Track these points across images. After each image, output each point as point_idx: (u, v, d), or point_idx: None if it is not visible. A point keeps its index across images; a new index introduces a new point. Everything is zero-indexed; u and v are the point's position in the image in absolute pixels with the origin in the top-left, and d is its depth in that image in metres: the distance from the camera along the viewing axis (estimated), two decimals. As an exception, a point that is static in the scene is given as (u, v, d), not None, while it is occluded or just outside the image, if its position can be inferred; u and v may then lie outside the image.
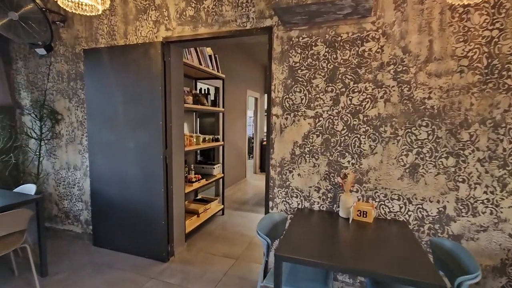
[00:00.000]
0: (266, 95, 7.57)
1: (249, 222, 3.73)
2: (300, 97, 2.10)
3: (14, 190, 2.55)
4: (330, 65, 2.00)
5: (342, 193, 2.01)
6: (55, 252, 2.79)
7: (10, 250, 2.02)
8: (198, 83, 3.96)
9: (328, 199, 2.10)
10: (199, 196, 4.08)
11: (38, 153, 3.08)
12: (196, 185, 3.23)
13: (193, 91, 3.34)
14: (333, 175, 2.07)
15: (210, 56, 3.50)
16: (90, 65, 2.70)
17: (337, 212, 2.05)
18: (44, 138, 3.08)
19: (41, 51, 2.77)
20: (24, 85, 3.17)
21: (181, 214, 2.85)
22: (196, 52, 3.19)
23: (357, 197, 2.03)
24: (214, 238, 3.20)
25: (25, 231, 2.17)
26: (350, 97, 1.98)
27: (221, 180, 3.94)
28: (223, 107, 3.89)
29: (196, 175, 3.35)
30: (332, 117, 2.03)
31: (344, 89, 1.99)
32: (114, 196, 2.74)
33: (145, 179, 2.59)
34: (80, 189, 3.04)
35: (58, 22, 2.84)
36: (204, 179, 3.44)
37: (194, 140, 3.33)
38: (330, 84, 2.02)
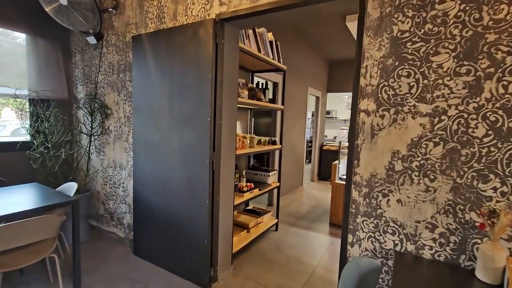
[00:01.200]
0: (328, 93, 6.77)
1: (308, 244, 3.06)
2: (409, 84, 1.38)
3: (56, 189, 2.38)
4: (467, 32, 1.24)
5: (482, 240, 1.23)
6: (95, 257, 2.57)
7: (38, 259, 1.77)
8: (254, 76, 3.46)
9: (451, 244, 1.33)
10: (250, 206, 3.57)
11: (88, 149, 2.94)
12: (247, 196, 2.71)
13: (249, 85, 2.83)
14: (462, 208, 1.29)
15: (271, 42, 2.95)
16: (138, 53, 2.40)
17: (468, 269, 1.27)
18: (94, 134, 2.92)
19: (92, 39, 2.58)
20: (80, 79, 3.09)
21: (229, 232, 2.34)
22: (255, 36, 2.67)
23: (510, 249, 1.22)
24: (265, 262, 2.62)
25: (55, 239, 1.91)
26: (505, 83, 1.19)
27: (276, 189, 3.35)
28: (282, 104, 3.32)
29: (248, 184, 2.83)
30: (465, 116, 1.26)
31: (493, 70, 1.21)
32: (155, 202, 2.39)
33: (188, 187, 2.16)
34: (125, 190, 2.79)
35: (110, 9, 2.62)
36: (257, 189, 2.91)
37: (248, 142, 2.82)
38: (465, 63, 1.26)
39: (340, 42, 5.04)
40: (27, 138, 2.76)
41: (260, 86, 3.13)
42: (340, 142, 3.77)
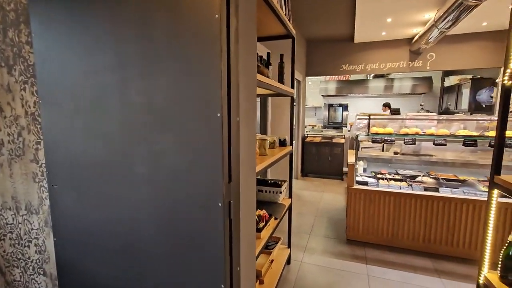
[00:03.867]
0: (309, 77, 5.94)
1: (343, 285, 2.18)
2: None
3: None
4: None
5: None
6: None
7: None
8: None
9: None
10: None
11: (-43, 179, 1.55)
12: (265, 235, 1.68)
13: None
14: None
15: (282, -12, 1.88)
16: (39, -21, 1.13)
17: None
18: (-32, 149, 1.54)
19: None
20: None
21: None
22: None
23: None
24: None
25: None
26: None
27: (287, 210, 2.38)
28: (292, 87, 2.31)
29: (262, 213, 1.80)
30: None
31: None
32: (106, 278, 1.21)
33: (179, 257, 1.05)
34: (41, 251, 1.52)
35: None
36: (273, 217, 1.89)
37: (257, 147, 1.76)
38: None
39: (322, 18, 4.22)
40: None
41: (262, 60, 2.06)
42: (357, 136, 2.94)
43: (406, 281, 2.20)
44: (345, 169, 5.71)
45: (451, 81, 7.12)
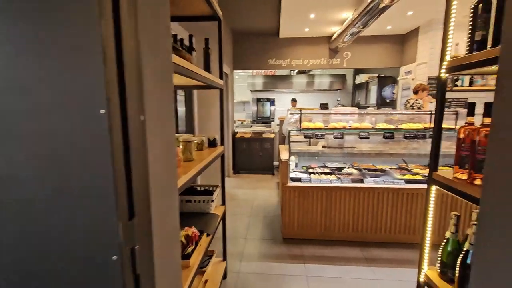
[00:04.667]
0: (236, 71, 5.72)
1: (282, 292, 2.03)
2: None
3: None
4: None
5: None
6: None
7: None
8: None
9: None
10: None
11: None
12: (195, 260, 1.35)
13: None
14: None
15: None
16: None
17: None
18: None
19: None
20: None
21: None
22: None
23: None
24: None
25: None
26: None
27: (221, 220, 2.09)
28: (221, 77, 2.00)
29: (191, 231, 1.45)
30: None
31: None
32: None
33: None
34: None
35: None
36: (205, 235, 1.57)
37: (181, 152, 1.40)
38: None
39: (248, 9, 4.06)
40: None
41: (183, 44, 1.67)
42: (289, 132, 2.84)
43: (342, 276, 2.21)
44: (275, 163, 5.76)
45: (361, 78, 7.98)
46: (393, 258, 2.47)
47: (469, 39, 1.03)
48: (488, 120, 0.95)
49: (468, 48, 1.04)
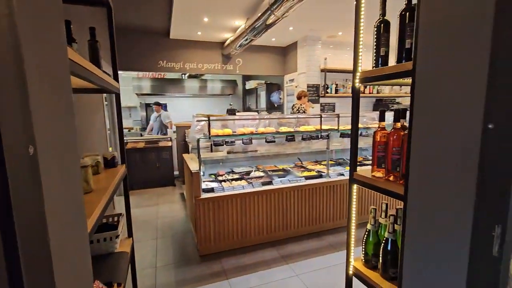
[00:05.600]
0: (120, 72, 4.94)
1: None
2: None
3: None
4: None
5: None
6: None
7: None
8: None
9: None
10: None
11: None
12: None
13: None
14: None
15: None
16: None
17: None
18: None
19: None
20: None
21: None
22: None
23: None
24: None
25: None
26: None
27: (131, 256, 1.68)
28: (115, 78, 1.60)
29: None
30: None
31: None
32: None
33: None
34: None
35: None
36: (115, 286, 1.20)
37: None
38: None
39: (135, 4, 3.62)
40: None
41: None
42: (198, 140, 2.62)
43: (265, 282, 2.22)
44: (176, 173, 5.34)
45: (250, 84, 8.53)
46: (304, 250, 2.69)
47: (375, 54, 1.19)
48: (398, 125, 1.11)
49: (375, 62, 1.19)
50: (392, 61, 1.14)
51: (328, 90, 5.70)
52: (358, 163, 1.35)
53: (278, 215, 2.87)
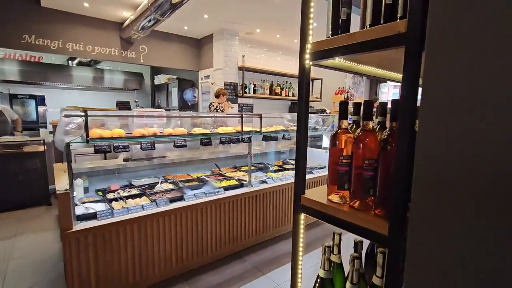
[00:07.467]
0: None
1: None
2: None
3: None
4: None
5: None
6: None
7: None
8: None
9: None
10: None
11: None
12: None
13: None
14: None
15: None
16: None
17: None
18: None
19: None
20: None
21: None
22: None
23: None
24: None
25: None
26: None
27: None
28: None
29: None
30: None
31: None
32: None
33: None
34: None
35: None
36: None
37: None
38: None
39: None
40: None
41: None
42: (68, 144, 1.76)
43: None
44: (51, 187, 4.00)
45: (160, 79, 7.51)
46: (223, 281, 2.19)
47: (333, 18, 0.78)
48: (371, 125, 0.73)
49: (333, 29, 0.79)
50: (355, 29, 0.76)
51: (247, 90, 5.40)
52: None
53: (191, 239, 2.27)
